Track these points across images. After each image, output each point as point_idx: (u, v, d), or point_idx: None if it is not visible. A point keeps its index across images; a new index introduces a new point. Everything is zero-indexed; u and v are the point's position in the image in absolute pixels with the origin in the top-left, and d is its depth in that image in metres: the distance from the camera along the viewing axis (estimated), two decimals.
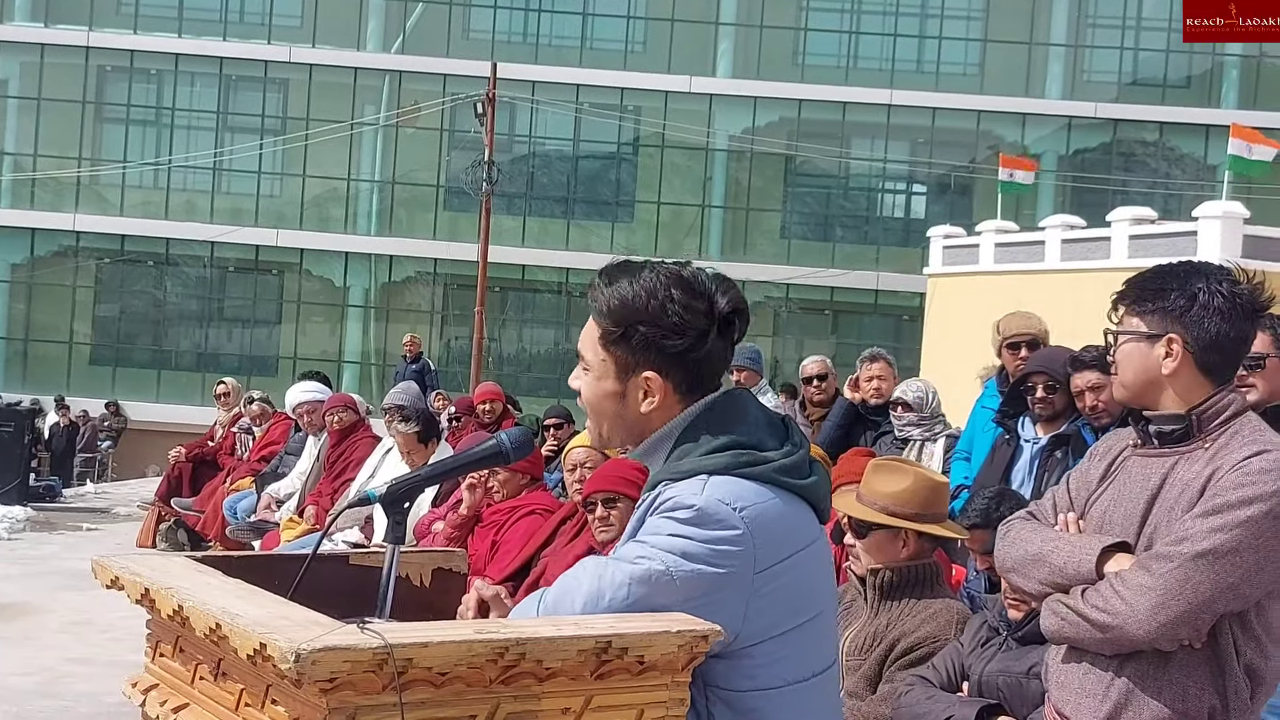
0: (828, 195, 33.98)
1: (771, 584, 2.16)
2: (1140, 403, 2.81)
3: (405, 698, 1.77)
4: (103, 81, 33.36)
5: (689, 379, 2.26)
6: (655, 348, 2.23)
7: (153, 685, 2.20)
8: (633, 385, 2.27)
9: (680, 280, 2.24)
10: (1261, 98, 31.94)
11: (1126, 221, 21.09)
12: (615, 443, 2.37)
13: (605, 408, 2.31)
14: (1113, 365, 2.86)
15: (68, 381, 31.63)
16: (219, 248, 32.61)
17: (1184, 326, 2.76)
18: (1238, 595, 2.61)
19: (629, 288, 2.25)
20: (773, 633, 2.18)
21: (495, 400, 10.58)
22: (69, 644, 7.52)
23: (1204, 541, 2.59)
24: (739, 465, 2.19)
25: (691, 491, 2.15)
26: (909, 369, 23.22)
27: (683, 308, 2.22)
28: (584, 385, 2.34)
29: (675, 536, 2.12)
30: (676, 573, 2.09)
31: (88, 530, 12.84)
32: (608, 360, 2.28)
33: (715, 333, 2.25)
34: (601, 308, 2.28)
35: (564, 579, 2.17)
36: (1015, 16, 32.55)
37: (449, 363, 31.14)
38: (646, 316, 2.22)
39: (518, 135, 33.12)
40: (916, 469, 4.38)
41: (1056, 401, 5.58)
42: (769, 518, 2.17)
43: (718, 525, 2.12)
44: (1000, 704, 3.69)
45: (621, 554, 2.16)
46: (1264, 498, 2.59)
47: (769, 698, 2.18)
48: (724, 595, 2.12)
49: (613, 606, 2.07)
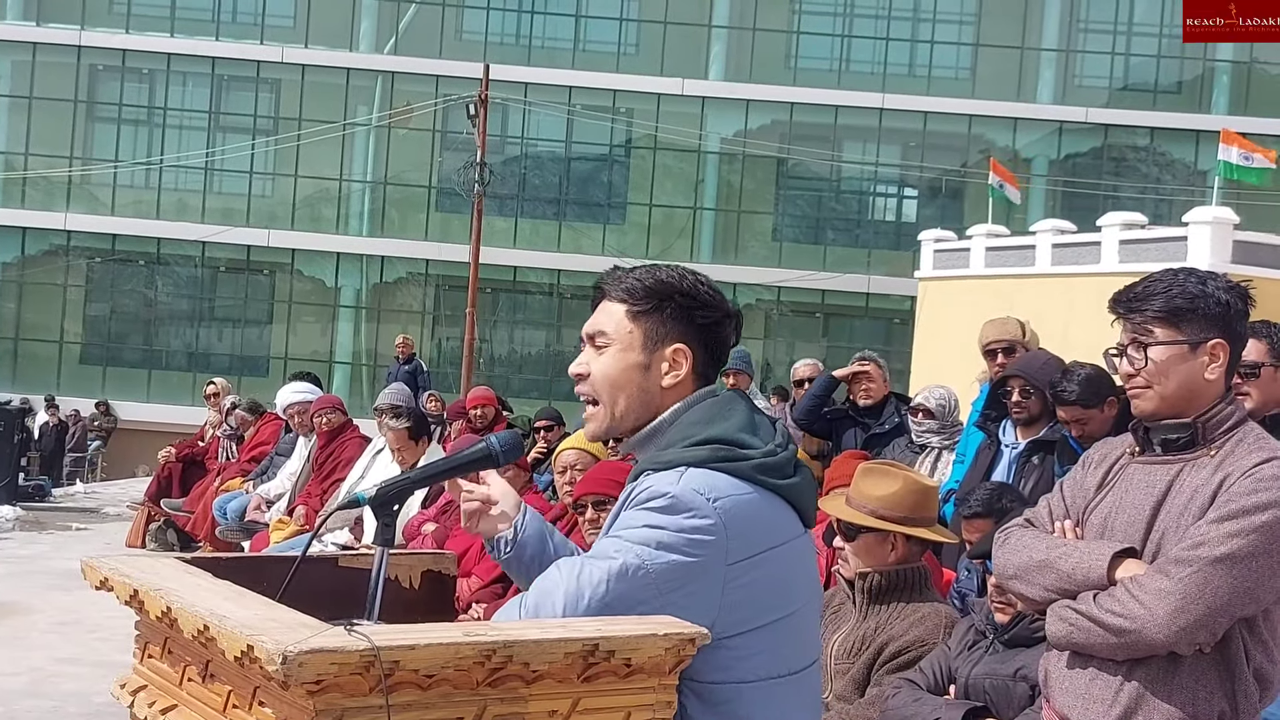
0: (819, 198, 33.99)
1: (745, 577, 2.18)
2: (1173, 413, 2.77)
3: (392, 700, 1.77)
4: (94, 81, 33.28)
5: (708, 359, 2.37)
6: (686, 318, 2.34)
7: (141, 686, 2.20)
8: (658, 358, 2.34)
9: (696, 273, 2.40)
10: (1252, 103, 32.02)
11: (1117, 226, 21.12)
12: (627, 424, 2.38)
13: (627, 380, 2.35)
14: (1132, 377, 2.79)
15: (58, 381, 31.55)
16: (210, 247, 32.55)
17: (1222, 332, 2.76)
18: (1253, 599, 2.63)
19: (658, 270, 2.38)
20: (746, 626, 2.20)
21: (487, 405, 10.54)
22: (57, 644, 7.51)
23: (1221, 546, 2.60)
24: (718, 459, 2.23)
25: (667, 482, 2.19)
26: (900, 372, 23.26)
27: (709, 288, 2.37)
28: (600, 362, 2.37)
29: (648, 527, 2.15)
30: (651, 565, 2.12)
31: (77, 530, 12.81)
32: (635, 332, 2.35)
33: (730, 319, 2.39)
34: (632, 286, 2.36)
35: (541, 582, 2.18)
36: (1007, 21, 32.60)
37: (440, 364, 31.10)
38: (681, 289, 2.34)
39: (510, 137, 33.10)
40: (906, 472, 4.38)
41: (1032, 406, 5.57)
42: (743, 511, 2.20)
43: (690, 514, 2.15)
44: (987, 706, 3.70)
45: (597, 550, 2.18)
46: (1277, 504, 2.61)
47: (742, 691, 2.20)
48: (698, 586, 2.14)
49: (592, 605, 2.09)
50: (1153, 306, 2.77)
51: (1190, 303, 2.75)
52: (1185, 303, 2.75)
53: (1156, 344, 2.76)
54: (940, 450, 6.75)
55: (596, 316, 2.39)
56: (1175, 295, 2.76)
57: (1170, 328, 2.75)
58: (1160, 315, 2.76)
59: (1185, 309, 2.75)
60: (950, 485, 6.26)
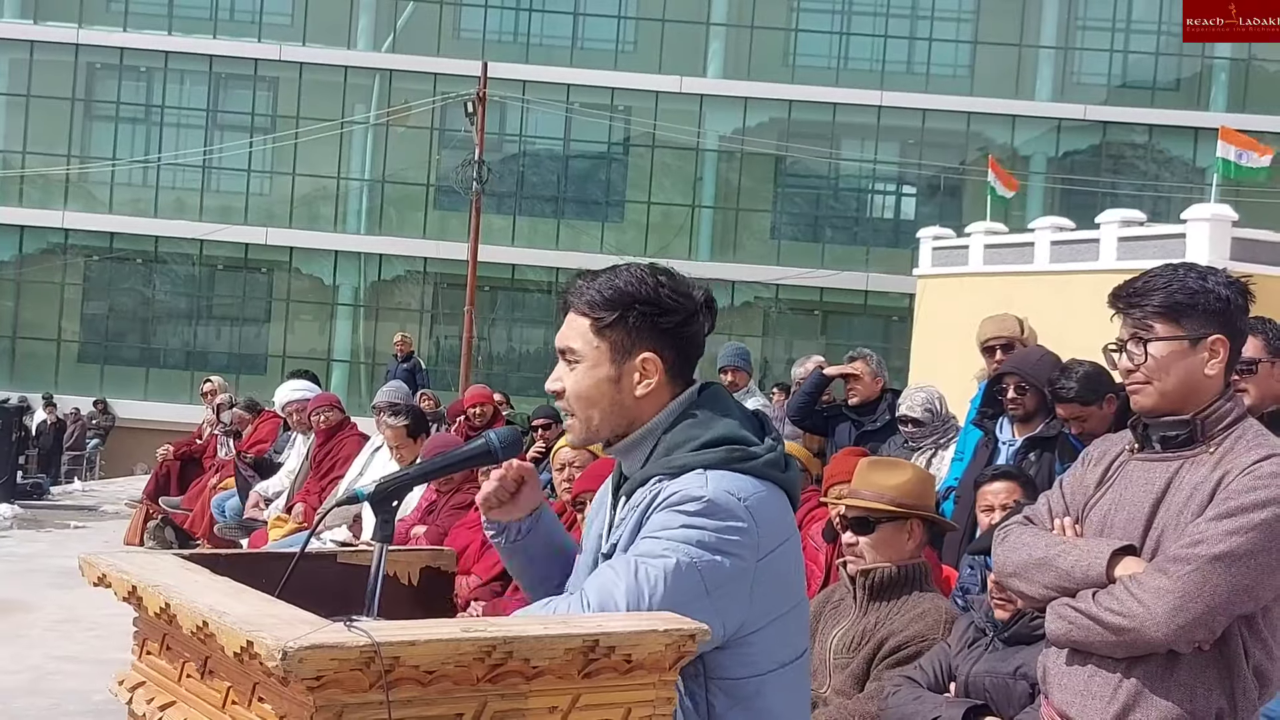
0: (817, 196, 33.99)
1: (769, 571, 2.24)
2: (1173, 409, 2.76)
3: (392, 696, 1.77)
4: (92, 79, 33.26)
5: (680, 360, 2.36)
6: (651, 326, 2.32)
7: (140, 683, 2.20)
8: (629, 369, 2.33)
9: (659, 269, 2.37)
10: (1250, 101, 32.02)
11: (1115, 224, 21.10)
12: (604, 434, 2.39)
13: (599, 395, 2.35)
14: (1132, 372, 2.78)
15: (56, 379, 31.52)
16: (208, 246, 32.53)
17: (1222, 327, 2.75)
18: (1252, 597, 2.63)
19: (616, 278, 2.35)
20: (769, 618, 2.26)
21: (486, 403, 10.54)
22: (56, 641, 7.51)
23: (1220, 544, 2.60)
24: (733, 460, 2.26)
25: (696, 485, 2.22)
26: (899, 369, 23.25)
27: (671, 289, 2.34)
28: (572, 379, 2.37)
29: (688, 528, 2.18)
30: (700, 563, 2.16)
31: (75, 528, 12.81)
32: (602, 346, 2.34)
33: (699, 315, 2.36)
34: (593, 298, 2.34)
35: (598, 582, 2.19)
36: (1005, 18, 32.59)
37: (439, 362, 31.11)
38: (641, 297, 2.32)
39: (508, 135, 33.09)
40: (910, 463, 4.42)
41: (1028, 402, 5.57)
42: (764, 509, 2.25)
43: (727, 516, 2.19)
44: (987, 704, 3.70)
45: (644, 550, 2.20)
46: (1276, 501, 2.60)
47: (765, 681, 2.26)
48: (736, 586, 2.19)
49: (654, 603, 2.12)
50: (1153, 302, 2.76)
51: (1190, 298, 2.73)
52: (1185, 298, 2.73)
53: (1156, 339, 2.75)
54: (935, 449, 6.76)
55: (564, 331, 2.38)
56: (1175, 290, 2.74)
57: (1170, 323, 2.74)
58: (1160, 310, 2.75)
59: (1185, 304, 2.73)
60: (949, 483, 6.25)
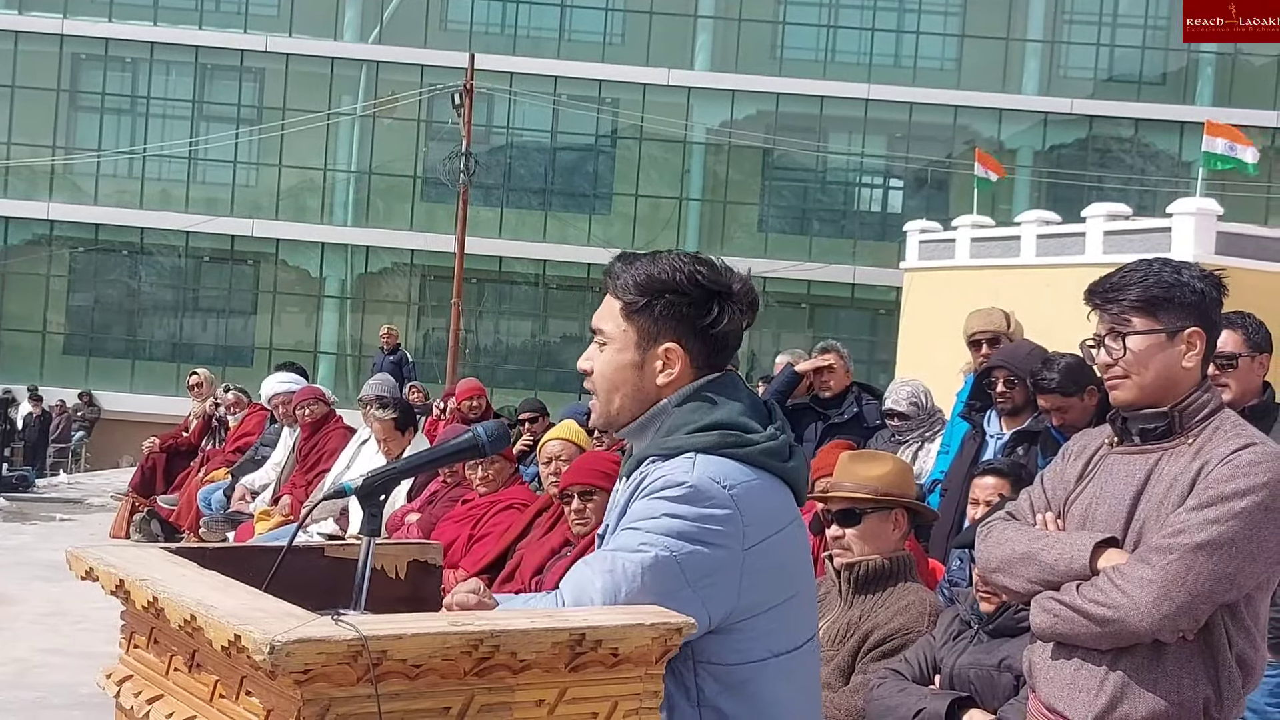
0: (805, 189, 33.99)
1: (759, 561, 2.22)
2: (1152, 402, 2.78)
3: (380, 689, 1.77)
4: (77, 69, 33.11)
5: (706, 353, 2.34)
6: (678, 317, 2.32)
7: (127, 676, 2.20)
8: (651, 356, 2.34)
9: (700, 259, 2.36)
10: (1236, 95, 32.09)
11: (1101, 217, 21.13)
12: (624, 420, 2.39)
13: (622, 380, 2.36)
14: (1110, 367, 2.80)
15: (41, 371, 31.41)
16: (194, 237, 32.42)
17: (1199, 320, 2.77)
18: (1234, 585, 2.65)
19: (653, 265, 2.34)
20: (761, 608, 2.24)
21: (480, 396, 10.54)
22: (42, 635, 7.49)
23: (1202, 533, 2.62)
24: (726, 445, 2.25)
25: (682, 470, 2.21)
26: (885, 362, 23.31)
27: (707, 280, 2.32)
28: (600, 359, 2.38)
29: (669, 517, 2.17)
30: (679, 554, 2.15)
31: (61, 521, 12.77)
32: (629, 331, 2.34)
33: (733, 311, 2.34)
34: (626, 282, 2.34)
35: (575, 578, 2.19)
36: (992, 12, 32.62)
37: (426, 354, 31.04)
38: (673, 286, 2.31)
39: (495, 126, 33.03)
40: (890, 455, 4.44)
41: (1016, 396, 5.59)
42: (755, 497, 2.23)
43: (709, 504, 2.18)
44: (971, 696, 3.71)
45: (622, 543, 2.20)
46: (1256, 489, 2.63)
47: (757, 669, 2.25)
48: (721, 576, 2.18)
49: (630, 598, 2.12)
50: (1129, 296, 2.79)
51: (1166, 292, 2.77)
52: (1161, 292, 2.77)
53: (1134, 333, 2.77)
54: (921, 442, 6.77)
55: (600, 310, 2.40)
56: (1151, 285, 2.77)
57: (1147, 317, 2.77)
58: (1137, 305, 2.78)
59: (1162, 298, 2.77)
60: (935, 476, 6.27)
